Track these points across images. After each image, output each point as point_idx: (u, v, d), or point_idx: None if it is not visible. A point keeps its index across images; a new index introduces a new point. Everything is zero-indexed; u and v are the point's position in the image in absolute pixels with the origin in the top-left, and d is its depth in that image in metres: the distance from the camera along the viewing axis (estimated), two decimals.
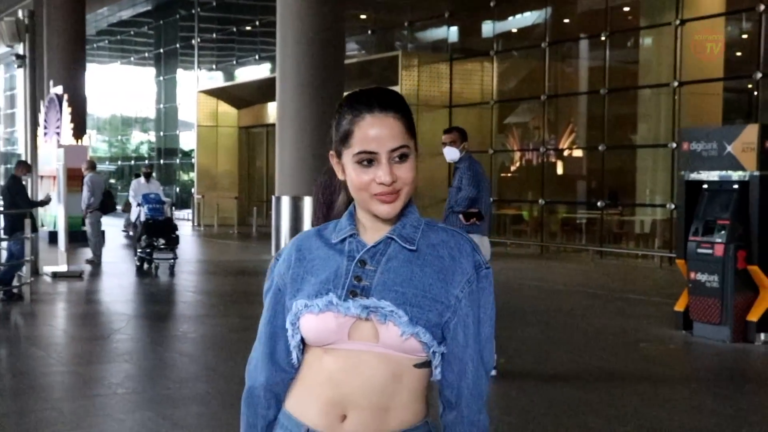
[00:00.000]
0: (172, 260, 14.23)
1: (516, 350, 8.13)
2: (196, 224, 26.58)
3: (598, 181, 17.89)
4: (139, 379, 7.20)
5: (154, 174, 19.97)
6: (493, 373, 6.92)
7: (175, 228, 14.67)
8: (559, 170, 19.30)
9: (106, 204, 15.87)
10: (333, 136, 1.85)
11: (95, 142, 39.92)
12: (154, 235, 14.14)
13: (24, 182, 12.43)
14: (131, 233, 17.32)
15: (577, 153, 19.06)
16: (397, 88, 19.53)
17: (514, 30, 20.63)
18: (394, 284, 1.77)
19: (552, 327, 9.68)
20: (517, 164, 20.48)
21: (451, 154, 7.25)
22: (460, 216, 7.09)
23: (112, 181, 37.90)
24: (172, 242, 14.31)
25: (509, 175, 20.67)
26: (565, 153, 19.06)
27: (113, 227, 21.69)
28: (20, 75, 15.15)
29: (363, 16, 24.12)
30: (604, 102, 17.37)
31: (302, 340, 1.83)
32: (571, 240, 18.98)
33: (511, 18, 20.35)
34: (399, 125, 1.78)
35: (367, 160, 1.76)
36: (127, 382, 7.04)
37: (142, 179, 17.54)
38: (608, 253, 17.29)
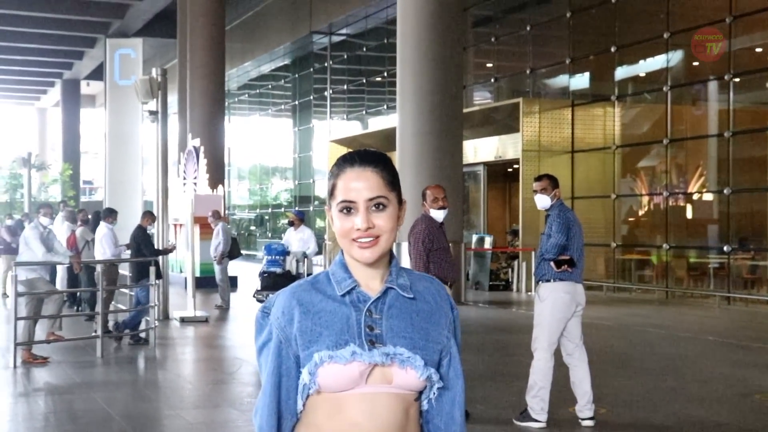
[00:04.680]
0: None
1: (623, 400, 8.02)
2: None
3: (724, 226, 17.42)
4: (240, 425, 7.36)
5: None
6: (591, 423, 6.96)
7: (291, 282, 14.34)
8: (684, 214, 18.89)
9: (232, 251, 16.58)
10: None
11: (237, 191, 41.49)
12: (266, 289, 13.78)
13: (150, 231, 13.10)
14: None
15: (702, 197, 18.61)
16: (518, 135, 19.64)
17: (635, 74, 20.42)
18: (400, 330, 1.96)
19: (666, 375, 9.41)
20: (641, 209, 20.14)
21: (542, 201, 7.20)
22: (552, 263, 7.01)
23: (252, 228, 39.21)
24: None
25: (632, 219, 20.34)
26: (689, 197, 18.64)
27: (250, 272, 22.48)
28: (152, 129, 15.96)
29: (489, 65, 24.37)
30: (728, 145, 16.97)
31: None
32: (698, 285, 18.48)
33: (632, 63, 20.17)
34: (377, 178, 1.96)
35: (347, 208, 1.95)
36: (226, 428, 7.33)
37: (291, 227, 15.94)
38: (736, 299, 16.77)
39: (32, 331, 10.54)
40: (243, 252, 19.78)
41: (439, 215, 7.60)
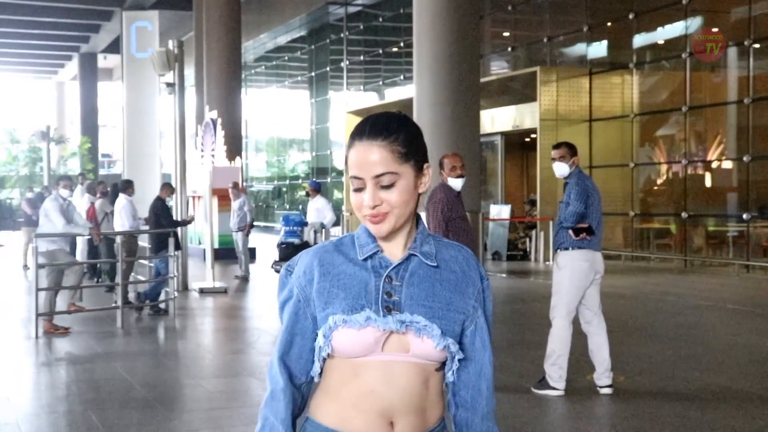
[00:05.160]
0: None
1: (641, 368, 8.02)
2: None
3: (744, 193, 17.30)
4: (260, 393, 7.32)
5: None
6: (609, 391, 6.97)
7: None
8: (703, 182, 18.77)
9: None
10: None
11: (254, 163, 41.51)
12: (285, 260, 13.90)
13: (168, 203, 13.15)
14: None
15: (721, 165, 18.47)
16: (535, 104, 19.53)
17: (654, 42, 20.23)
18: (420, 299, 1.92)
19: (684, 343, 9.39)
20: (660, 177, 20.02)
21: (561, 169, 7.15)
22: (570, 231, 6.97)
23: (270, 199, 39.26)
24: None
25: (651, 188, 20.23)
26: (708, 165, 18.51)
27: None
28: (170, 102, 15.94)
29: (506, 34, 24.20)
30: (748, 112, 16.81)
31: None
32: (717, 254, 18.40)
33: (650, 30, 19.98)
34: (385, 152, 1.88)
35: (357, 183, 1.91)
36: (246, 396, 7.37)
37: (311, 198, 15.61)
38: (756, 267, 16.69)
39: (53, 302, 10.63)
40: (261, 224, 19.83)
41: (457, 184, 7.52)
